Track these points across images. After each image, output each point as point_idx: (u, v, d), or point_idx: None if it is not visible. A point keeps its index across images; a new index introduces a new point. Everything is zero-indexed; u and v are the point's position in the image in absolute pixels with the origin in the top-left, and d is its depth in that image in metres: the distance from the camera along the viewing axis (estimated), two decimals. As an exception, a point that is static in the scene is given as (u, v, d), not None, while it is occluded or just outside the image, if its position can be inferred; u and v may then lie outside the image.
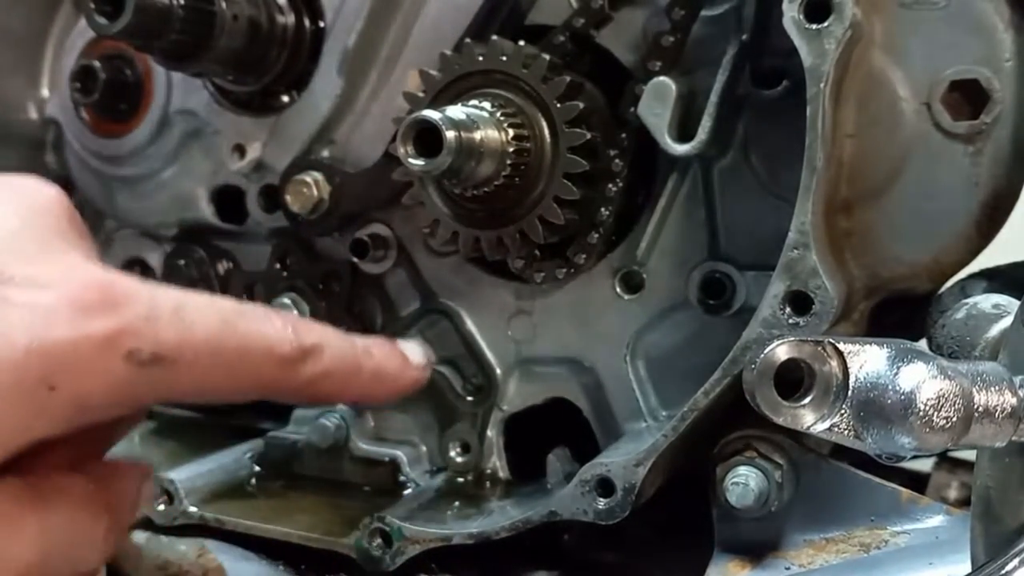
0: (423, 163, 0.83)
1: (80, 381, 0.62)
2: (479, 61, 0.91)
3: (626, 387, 0.96)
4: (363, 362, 0.82)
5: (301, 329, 0.77)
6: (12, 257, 0.64)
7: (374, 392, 0.86)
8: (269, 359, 0.74)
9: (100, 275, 0.65)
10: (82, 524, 0.69)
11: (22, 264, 0.64)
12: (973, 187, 0.81)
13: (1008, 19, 0.80)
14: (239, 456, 1.10)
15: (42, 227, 0.68)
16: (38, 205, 0.70)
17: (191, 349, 0.67)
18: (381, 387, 0.86)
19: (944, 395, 0.56)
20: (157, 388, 0.67)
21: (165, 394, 0.70)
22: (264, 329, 0.74)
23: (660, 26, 0.91)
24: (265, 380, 0.74)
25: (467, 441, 1.02)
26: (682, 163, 0.93)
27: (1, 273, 0.62)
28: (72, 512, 0.68)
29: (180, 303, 0.68)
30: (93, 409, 0.65)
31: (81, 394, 0.63)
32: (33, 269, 0.64)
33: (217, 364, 0.70)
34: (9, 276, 0.62)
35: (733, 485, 0.82)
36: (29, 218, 0.68)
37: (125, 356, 0.64)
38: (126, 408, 0.69)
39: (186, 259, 1.15)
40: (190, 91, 1.12)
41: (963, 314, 0.75)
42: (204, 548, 0.95)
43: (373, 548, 0.92)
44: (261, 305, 0.77)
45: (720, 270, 0.92)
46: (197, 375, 0.69)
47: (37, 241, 0.67)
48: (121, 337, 0.63)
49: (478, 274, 1.02)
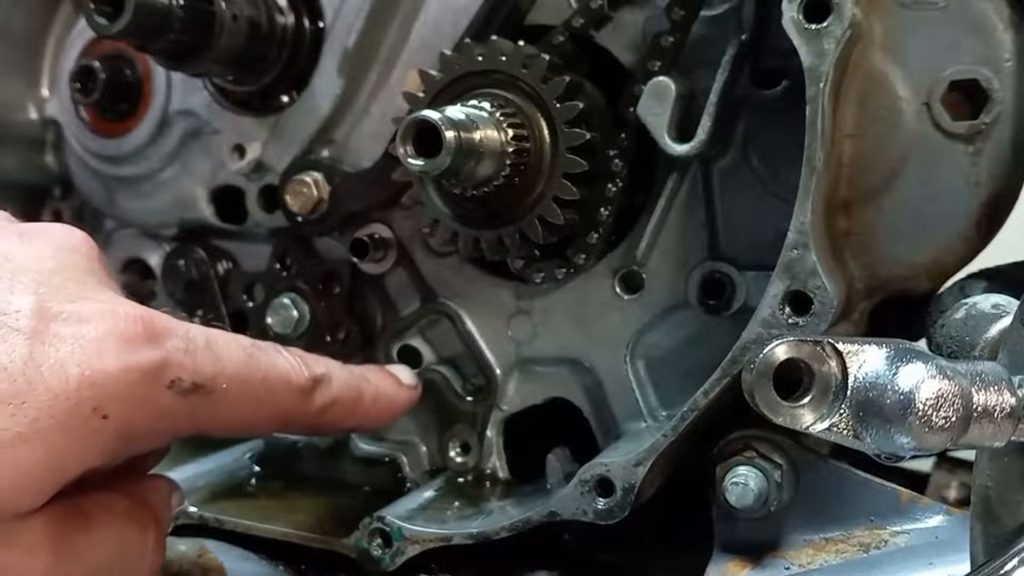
0: (423, 163, 0.83)
1: (128, 410, 0.66)
2: (479, 61, 0.91)
3: (626, 387, 0.96)
4: (363, 387, 0.88)
5: (308, 360, 0.82)
6: (55, 294, 0.67)
7: (375, 416, 0.91)
8: (288, 390, 0.79)
9: (139, 309, 0.69)
10: (130, 537, 0.73)
11: (64, 301, 0.67)
12: (973, 187, 0.81)
13: (1008, 19, 0.80)
14: (239, 456, 1.10)
15: (77, 267, 0.72)
16: (71, 247, 0.74)
17: (224, 379, 0.72)
18: (380, 411, 0.91)
19: (943, 395, 0.56)
20: (195, 418, 0.71)
21: (201, 424, 0.73)
22: (279, 362, 0.79)
23: (660, 26, 0.91)
24: (285, 410, 0.79)
25: (467, 441, 1.02)
26: (682, 163, 0.93)
27: (48, 309, 0.65)
28: (120, 527, 0.72)
29: (209, 337, 0.73)
30: (138, 439, 0.69)
31: (129, 423, 0.66)
32: (75, 306, 0.67)
33: (246, 394, 0.75)
34: (56, 312, 0.66)
35: (733, 485, 0.82)
36: (64, 259, 0.72)
37: (168, 386, 0.68)
38: (166, 439, 0.74)
39: (186, 259, 1.15)
40: (190, 91, 1.12)
41: (962, 314, 0.75)
42: (204, 548, 0.95)
43: (373, 548, 0.92)
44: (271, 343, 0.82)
45: (720, 270, 0.92)
46: (230, 405, 0.73)
47: (75, 280, 0.70)
48: (165, 368, 0.67)
49: (478, 274, 1.02)
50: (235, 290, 1.12)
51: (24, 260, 0.69)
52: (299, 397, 0.80)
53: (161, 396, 0.67)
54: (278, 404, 0.78)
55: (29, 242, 0.72)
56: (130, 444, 0.68)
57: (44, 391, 0.62)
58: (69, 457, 0.64)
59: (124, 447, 0.68)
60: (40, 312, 0.65)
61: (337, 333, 1.05)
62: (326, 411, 0.83)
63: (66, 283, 0.69)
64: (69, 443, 0.63)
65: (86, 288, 0.70)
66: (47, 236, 0.74)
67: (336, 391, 0.84)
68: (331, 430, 0.95)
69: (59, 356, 0.63)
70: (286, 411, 0.80)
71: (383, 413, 0.92)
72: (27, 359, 0.63)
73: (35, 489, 0.64)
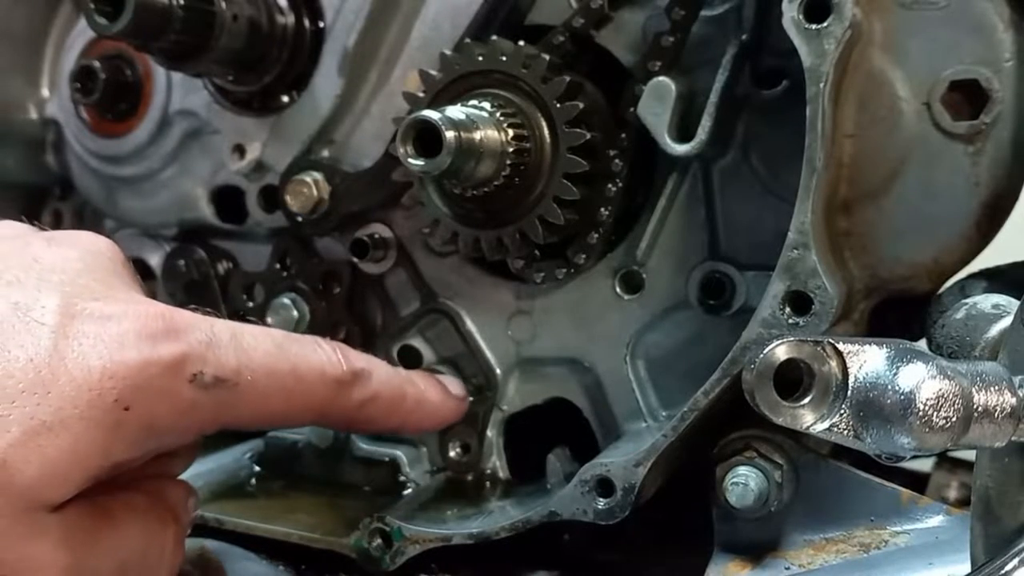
0: (423, 163, 0.83)
1: (150, 403, 0.67)
2: (479, 61, 0.91)
3: (626, 387, 0.96)
4: (407, 389, 0.90)
5: (350, 355, 0.84)
6: (80, 293, 0.69)
7: (417, 420, 0.92)
8: (322, 382, 0.80)
9: (161, 307, 0.71)
10: (152, 534, 0.74)
11: (89, 299, 0.69)
12: (973, 187, 0.81)
13: (1008, 19, 0.80)
14: (239, 456, 1.10)
15: (103, 269, 0.74)
16: (97, 251, 0.76)
17: (249, 371, 0.73)
18: (423, 415, 0.92)
19: (943, 395, 0.56)
20: (220, 412, 0.72)
21: (227, 419, 0.74)
22: (316, 353, 0.80)
23: (660, 26, 0.91)
24: (319, 403, 0.80)
25: (467, 441, 1.02)
26: (682, 163, 0.93)
27: (73, 306, 0.68)
28: (142, 524, 0.73)
29: (236, 331, 0.74)
30: (161, 433, 0.70)
31: (151, 416, 0.67)
32: (100, 304, 0.69)
33: (274, 387, 0.75)
34: (80, 309, 0.68)
35: (733, 485, 0.82)
36: (91, 261, 0.74)
37: (190, 379, 0.69)
38: (191, 434, 0.74)
39: (186, 259, 1.15)
40: (190, 91, 1.12)
41: (963, 314, 0.75)
42: (204, 548, 0.94)
43: (373, 548, 0.92)
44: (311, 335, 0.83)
45: (720, 270, 0.92)
46: (257, 398, 0.74)
47: (100, 281, 0.72)
48: (186, 362, 0.69)
49: (478, 274, 1.02)
50: (235, 290, 1.12)
51: (52, 262, 0.72)
52: (335, 389, 0.81)
53: (183, 389, 0.69)
54: (311, 395, 0.79)
55: (57, 246, 0.74)
56: (154, 437, 0.69)
57: (68, 382, 0.64)
58: (94, 447, 0.65)
59: (148, 440, 0.69)
60: (66, 309, 0.67)
61: (337, 333, 1.05)
62: (365, 406, 0.84)
63: (91, 283, 0.71)
64: (93, 433, 0.65)
65: (111, 288, 0.72)
66: (74, 241, 0.76)
67: (377, 387, 0.85)
68: (371, 428, 0.95)
69: (82, 350, 0.66)
70: (320, 403, 0.80)
71: (427, 419, 0.94)
72: (52, 352, 0.65)
73: (62, 478, 0.65)
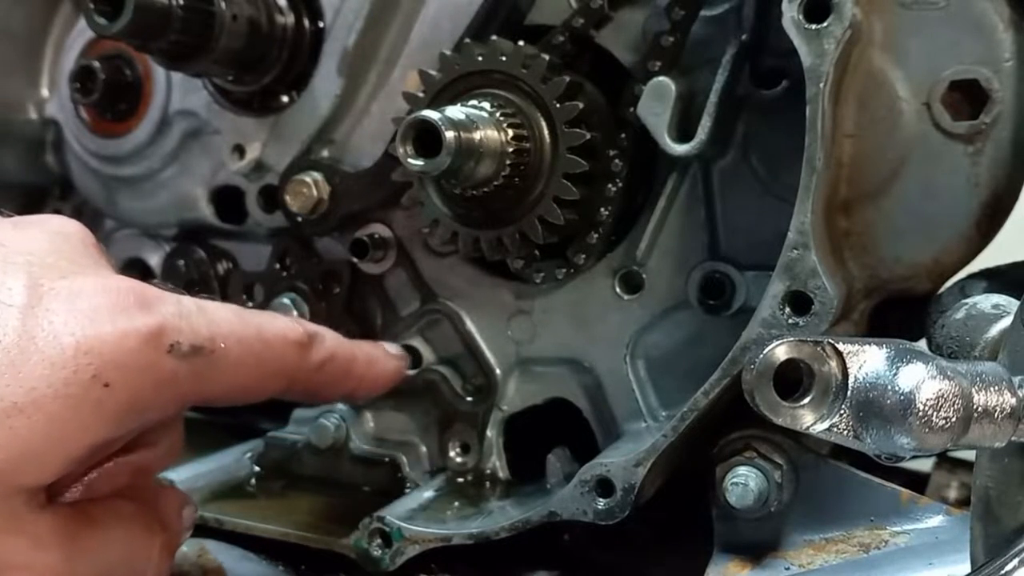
0: (423, 163, 0.83)
1: (131, 377, 0.65)
2: (479, 61, 0.91)
3: (626, 387, 0.96)
4: (356, 351, 0.92)
5: (301, 320, 0.87)
6: (47, 272, 0.67)
7: (372, 378, 0.94)
8: (286, 344, 0.81)
9: (131, 281, 0.70)
10: (137, 541, 0.73)
11: (57, 279, 0.67)
12: (973, 187, 0.81)
13: (1008, 19, 0.80)
14: (239, 456, 1.10)
15: (70, 250, 0.72)
16: (65, 232, 0.74)
17: (221, 339, 0.72)
18: (376, 375, 0.94)
19: (943, 395, 0.56)
20: (198, 383, 0.71)
21: (206, 389, 0.73)
22: (275, 320, 0.82)
23: (660, 26, 0.91)
24: (288, 368, 0.81)
25: (467, 441, 1.02)
26: (682, 163, 0.93)
27: (40, 286, 0.66)
28: (126, 530, 0.72)
29: (199, 303, 0.73)
30: (144, 408, 0.68)
31: (133, 391, 0.66)
32: (67, 282, 0.67)
33: (245, 353, 0.75)
34: (48, 288, 0.66)
35: (733, 485, 0.82)
36: (59, 243, 0.72)
37: (168, 350, 0.68)
38: (173, 408, 0.73)
39: (186, 259, 1.15)
40: (190, 91, 1.12)
41: (963, 314, 0.75)
42: (204, 548, 0.94)
43: (373, 548, 0.92)
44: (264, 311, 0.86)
45: (720, 270, 0.92)
46: (230, 366, 0.74)
47: (68, 260, 0.70)
48: (162, 332, 0.67)
49: (478, 274, 1.02)
50: (235, 290, 1.12)
51: (18, 244, 0.69)
52: (298, 351, 0.82)
53: (163, 361, 0.67)
54: (279, 360, 0.80)
55: (24, 228, 0.72)
56: (136, 414, 0.68)
57: (39, 361, 0.62)
58: (71, 427, 0.63)
59: (130, 417, 0.67)
60: (33, 289, 0.65)
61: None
62: (324, 367, 0.85)
63: (59, 262, 0.69)
64: (71, 413, 0.63)
65: (79, 267, 0.70)
66: (41, 224, 0.74)
67: (331, 347, 0.86)
68: (331, 393, 0.95)
69: (52, 328, 0.63)
70: (287, 367, 0.81)
71: (378, 378, 0.95)
72: (20, 332, 0.63)
73: (38, 461, 0.63)
